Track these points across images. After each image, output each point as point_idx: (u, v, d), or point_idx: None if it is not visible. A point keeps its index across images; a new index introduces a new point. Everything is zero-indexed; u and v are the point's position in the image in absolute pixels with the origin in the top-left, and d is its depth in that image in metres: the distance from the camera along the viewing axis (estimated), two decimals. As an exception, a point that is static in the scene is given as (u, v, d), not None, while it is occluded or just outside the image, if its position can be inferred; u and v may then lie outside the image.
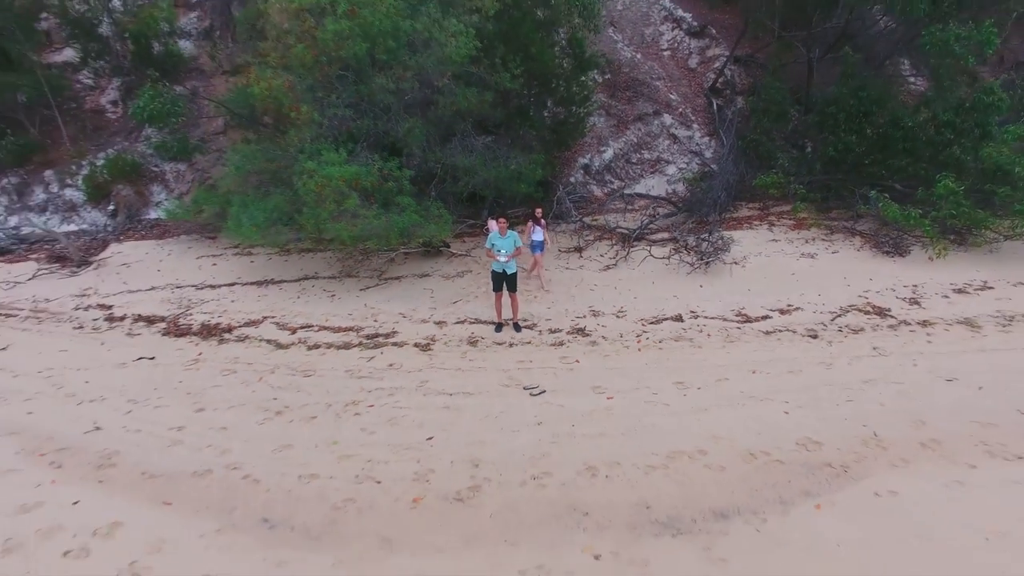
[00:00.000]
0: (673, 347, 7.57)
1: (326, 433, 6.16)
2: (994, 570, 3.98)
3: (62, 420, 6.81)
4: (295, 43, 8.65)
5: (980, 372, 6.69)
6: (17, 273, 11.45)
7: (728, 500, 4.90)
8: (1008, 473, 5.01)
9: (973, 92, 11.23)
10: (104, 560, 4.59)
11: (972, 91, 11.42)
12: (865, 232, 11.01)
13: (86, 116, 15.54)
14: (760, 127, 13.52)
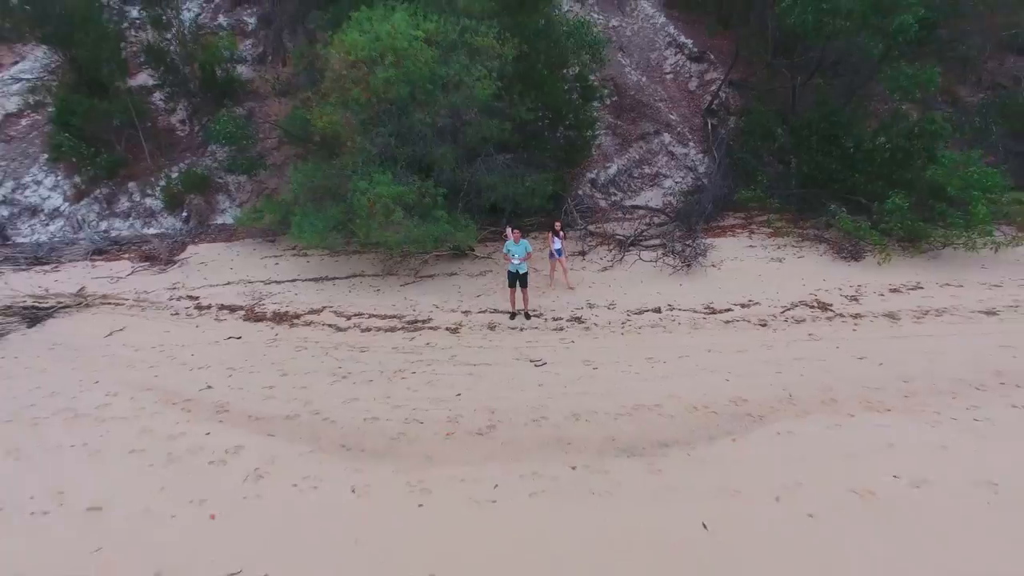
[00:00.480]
0: (649, 332, 9.56)
1: (381, 391, 8.28)
2: (846, 474, 5.94)
3: (181, 381, 9.03)
4: (351, 86, 10.78)
5: (886, 353, 8.56)
6: (117, 270, 13.82)
7: (671, 436, 6.90)
8: (875, 419, 6.92)
9: (922, 120, 12.97)
10: (236, 467, 6.77)
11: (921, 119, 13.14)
12: (830, 240, 12.82)
13: (160, 134, 17.94)
14: (747, 146, 15.36)
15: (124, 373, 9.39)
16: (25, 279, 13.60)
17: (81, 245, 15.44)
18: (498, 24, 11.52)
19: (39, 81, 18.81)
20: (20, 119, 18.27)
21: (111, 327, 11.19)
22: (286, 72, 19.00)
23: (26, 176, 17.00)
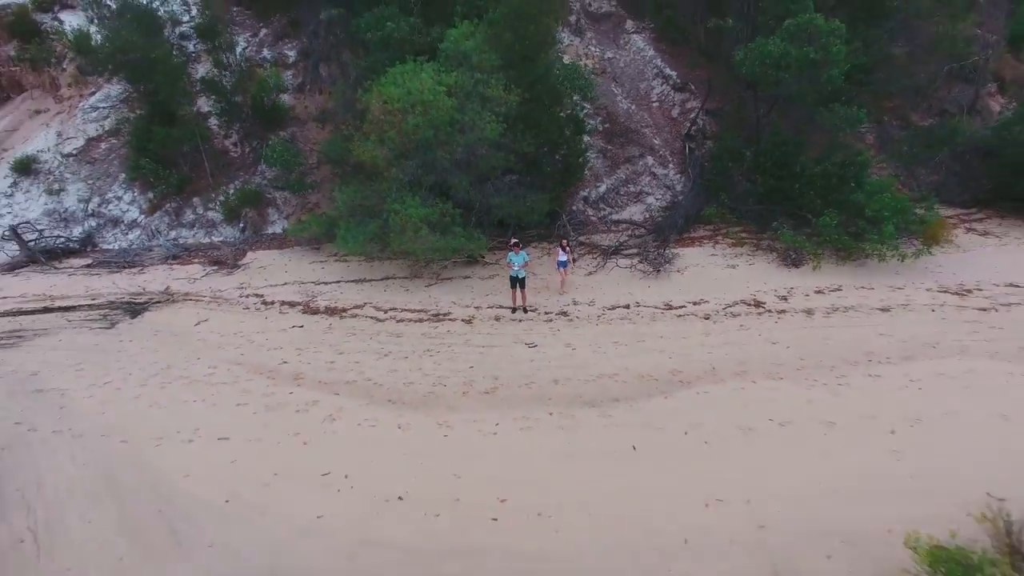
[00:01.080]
0: (618, 323, 12.39)
1: (414, 364, 11.18)
2: (737, 418, 8.76)
3: (262, 358, 11.98)
4: (388, 129, 13.69)
5: (794, 340, 11.33)
6: (191, 272, 16.85)
7: (621, 395, 9.75)
8: (770, 384, 9.73)
9: (853, 152, 15.67)
10: (315, 413, 9.71)
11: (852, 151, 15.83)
12: (778, 249, 15.54)
13: (216, 155, 20.98)
14: (717, 168, 18.10)
15: (217, 352, 12.37)
16: (119, 280, 16.69)
17: (156, 251, 18.50)
18: (504, 76, 14.39)
19: (114, 110, 21.94)
20: (100, 143, 21.40)
21: (197, 318, 14.20)
22: (323, 100, 22.03)
23: (109, 192, 20.13)
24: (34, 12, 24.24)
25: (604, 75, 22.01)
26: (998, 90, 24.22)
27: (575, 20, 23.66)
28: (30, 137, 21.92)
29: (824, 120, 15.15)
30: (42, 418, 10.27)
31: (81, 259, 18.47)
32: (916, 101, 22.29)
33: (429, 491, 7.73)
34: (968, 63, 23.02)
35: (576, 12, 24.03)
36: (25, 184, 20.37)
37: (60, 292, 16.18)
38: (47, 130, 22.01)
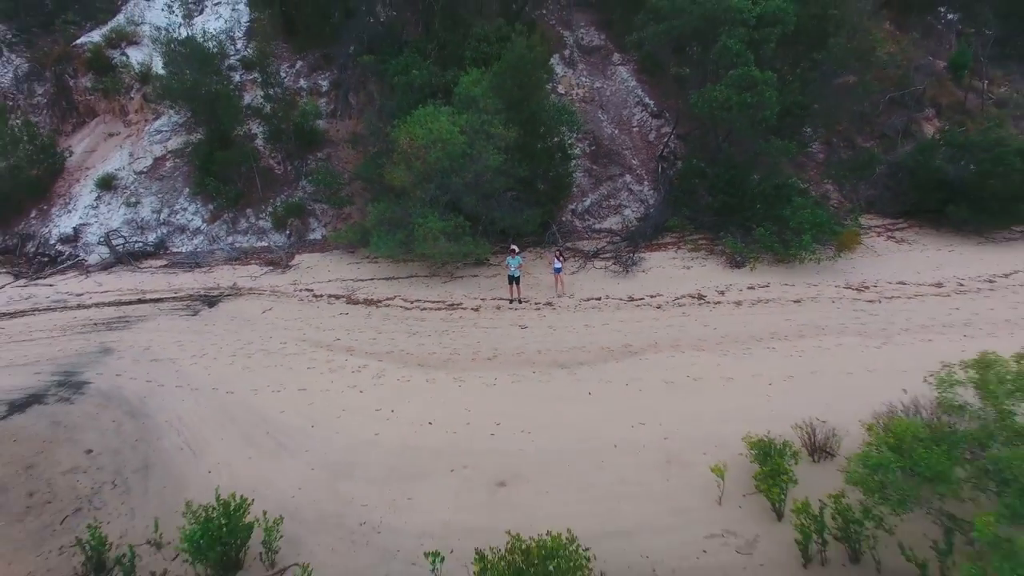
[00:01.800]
0: (591, 311, 16.18)
1: (436, 340, 15.01)
2: (665, 375, 12.56)
3: (320, 336, 15.84)
4: (414, 160, 17.51)
5: (721, 323, 15.07)
6: (251, 272, 20.77)
7: (586, 360, 13.54)
8: (695, 354, 13.48)
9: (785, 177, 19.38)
10: (366, 373, 13.59)
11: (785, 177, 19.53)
12: (726, 254, 19.26)
13: (263, 172, 24.87)
14: (683, 185, 21.82)
15: (284, 332, 16.26)
16: (193, 277, 20.65)
17: (218, 254, 22.43)
18: (504, 115, 18.17)
19: (175, 133, 25.90)
20: (165, 162, 25.36)
21: (263, 307, 18.10)
22: (352, 124, 25.91)
23: (176, 204, 24.09)
24: (106, 49, 28.25)
25: (592, 103, 25.78)
26: (936, 115, 27.79)
27: (568, 53, 27.43)
28: (107, 157, 25.91)
29: (763, 150, 18.87)
30: (165, 378, 14.18)
31: (157, 260, 22.45)
32: (860, 126, 25.91)
33: (448, 419, 11.54)
34: (907, 92, 26.62)
35: (570, 46, 27.81)
36: (107, 198, 24.36)
37: (148, 287, 20.16)
38: (120, 151, 26.01)
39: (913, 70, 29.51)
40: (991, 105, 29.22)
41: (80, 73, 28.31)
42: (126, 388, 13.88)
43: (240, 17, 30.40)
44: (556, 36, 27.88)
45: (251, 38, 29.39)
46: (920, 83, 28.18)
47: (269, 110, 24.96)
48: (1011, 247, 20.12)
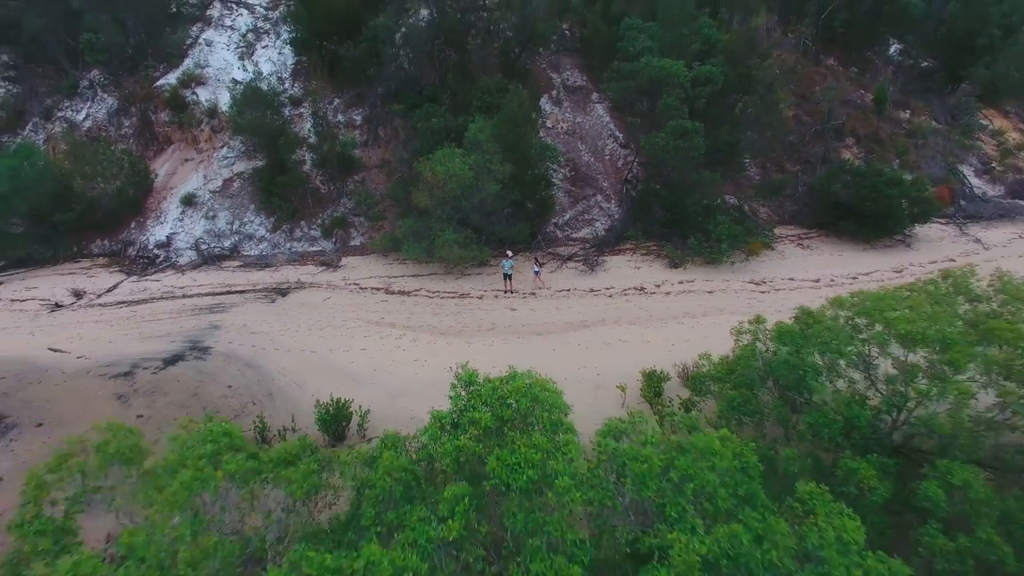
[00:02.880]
0: (561, 299, 22.63)
1: (452, 318, 21.50)
2: (605, 338, 19.04)
3: (370, 315, 22.35)
4: (435, 189, 23.94)
5: (651, 307, 21.47)
6: (309, 271, 27.27)
7: (554, 331, 20.03)
8: (626, 326, 19.91)
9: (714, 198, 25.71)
10: (407, 339, 20.21)
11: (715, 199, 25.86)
12: (668, 256, 25.61)
13: (313, 191, 31.36)
14: (642, 203, 28.16)
15: (342, 314, 22.74)
16: (264, 274, 27.16)
17: (280, 257, 28.92)
18: (501, 155, 24.56)
19: (239, 159, 32.41)
20: (233, 183, 31.88)
21: (323, 297, 24.60)
22: (381, 152, 32.37)
23: (244, 217, 30.62)
24: (180, 89, 34.79)
25: (574, 135, 32.21)
26: (855, 143, 34.06)
27: (556, 93, 33.85)
28: (186, 178, 32.48)
29: (694, 180, 25.24)
30: (264, 344, 20.69)
31: (234, 261, 28.98)
32: (790, 154, 32.22)
33: (462, 365, 17.95)
34: (829, 125, 32.86)
35: (557, 87, 34.22)
36: (190, 212, 30.93)
37: (232, 282, 26.70)
38: (196, 173, 32.59)
39: (842, 104, 35.87)
40: (902, 135, 35.44)
41: (159, 109, 34.88)
42: (239, 350, 20.43)
43: (286, 60, 36.92)
44: (546, 79, 34.33)
45: (296, 78, 35.97)
46: (844, 117, 34.47)
47: (316, 141, 31.50)
48: (884, 252, 26.43)
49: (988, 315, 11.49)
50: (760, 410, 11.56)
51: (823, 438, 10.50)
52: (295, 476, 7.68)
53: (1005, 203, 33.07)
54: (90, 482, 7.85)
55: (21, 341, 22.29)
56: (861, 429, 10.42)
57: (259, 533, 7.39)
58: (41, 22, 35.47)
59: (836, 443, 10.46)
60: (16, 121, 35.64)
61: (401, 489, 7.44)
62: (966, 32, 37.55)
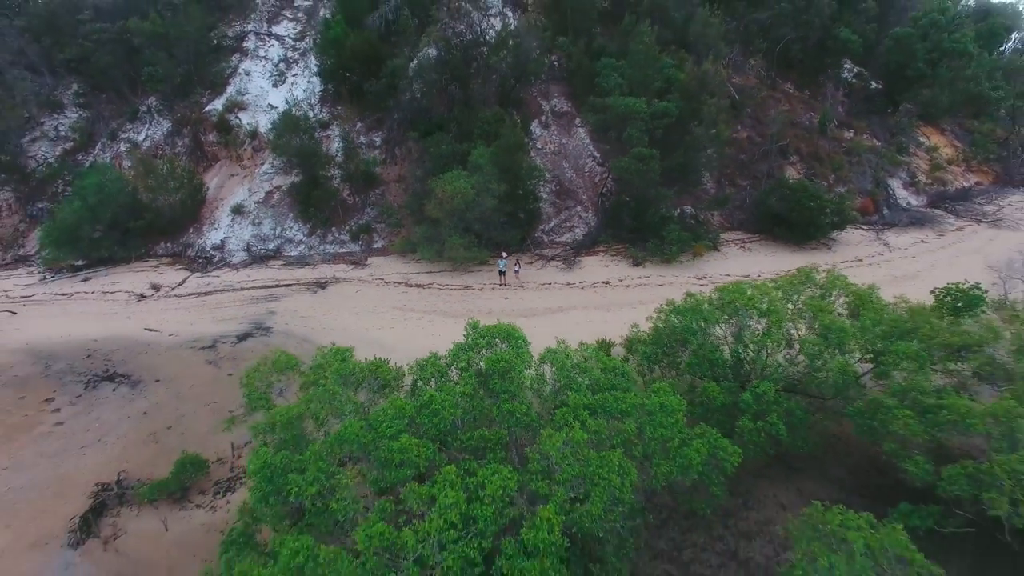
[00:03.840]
0: (544, 290, 28.87)
1: (458, 303, 27.79)
2: (577, 319, 25.30)
3: (393, 303, 28.63)
4: (446, 202, 30.13)
5: (614, 297, 27.68)
6: (342, 268, 33.50)
7: (536, 313, 26.29)
8: (593, 311, 26.15)
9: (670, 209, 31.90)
10: (426, 320, 26.52)
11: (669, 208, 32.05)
12: (631, 257, 31.80)
13: (341, 202, 37.55)
14: (614, 213, 34.35)
15: (372, 302, 28.99)
16: (305, 271, 33.40)
17: (316, 257, 35.13)
18: (498, 176, 30.75)
19: (277, 174, 38.60)
20: (273, 195, 38.07)
21: (355, 289, 30.82)
22: (397, 169, 38.58)
23: (285, 223, 36.82)
24: (225, 114, 40.98)
25: (559, 155, 38.40)
26: (799, 160, 40.21)
27: (544, 118, 40.04)
28: (233, 191, 38.70)
29: (655, 195, 31.43)
30: (314, 325, 26.92)
31: (278, 261, 35.19)
32: (742, 170, 38.39)
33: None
34: (775, 146, 39.00)
35: (546, 113, 40.41)
36: (239, 220, 37.14)
37: (279, 277, 32.92)
38: (241, 187, 38.81)
39: (790, 126, 42.05)
40: (841, 152, 41.61)
41: (208, 131, 41.12)
42: (295, 330, 26.67)
43: (314, 88, 43.12)
44: (536, 105, 40.55)
45: (323, 103, 42.23)
46: (790, 137, 40.61)
47: (343, 160, 37.75)
48: (809, 253, 32.63)
49: (811, 296, 17.66)
50: (662, 358, 17.76)
51: (695, 373, 16.68)
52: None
53: (920, 212, 39.22)
54: (275, 379, 14.05)
55: (122, 323, 28.57)
56: (719, 367, 16.59)
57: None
58: (109, 58, 41.77)
59: (704, 375, 16.63)
60: (87, 142, 41.98)
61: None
62: (898, 64, 43.65)
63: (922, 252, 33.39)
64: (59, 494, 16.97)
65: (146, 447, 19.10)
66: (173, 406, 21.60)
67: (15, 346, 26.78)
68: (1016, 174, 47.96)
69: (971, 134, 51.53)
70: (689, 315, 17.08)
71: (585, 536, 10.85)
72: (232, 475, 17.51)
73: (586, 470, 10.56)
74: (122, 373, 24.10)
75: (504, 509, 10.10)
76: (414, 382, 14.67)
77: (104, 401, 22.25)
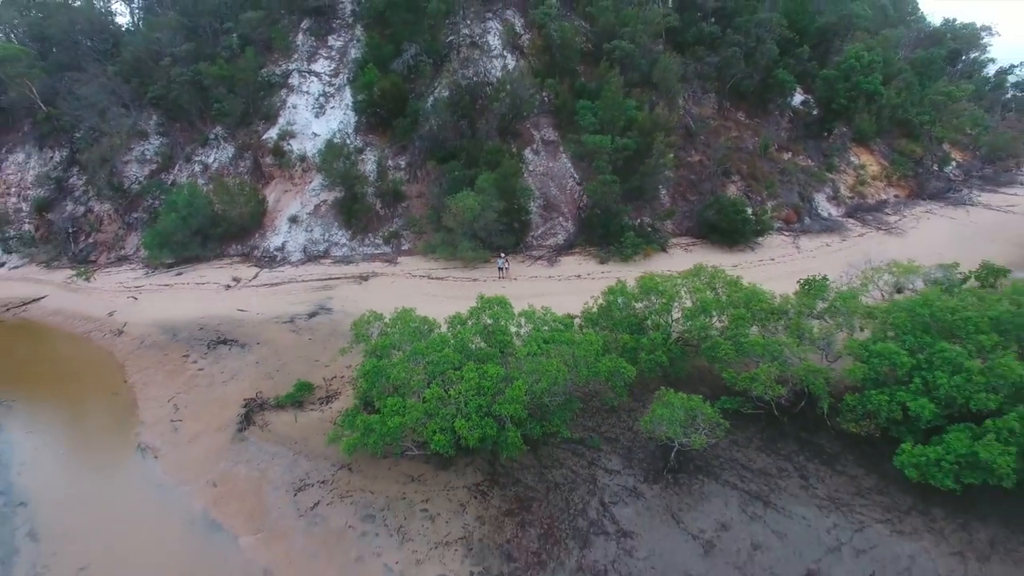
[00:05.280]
0: (530, 280, 38.98)
1: (468, 290, 37.85)
2: (550, 302, 35.58)
3: (423, 290, 38.76)
4: (460, 215, 40.17)
5: (582, 286, 37.76)
6: (379, 266, 43.62)
7: (524, 298, 36.42)
8: (565, 296, 36.29)
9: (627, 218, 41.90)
10: (447, 302, 36.72)
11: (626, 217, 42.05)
12: (598, 257, 41.83)
13: (376, 214, 47.58)
14: (589, 222, 44.37)
15: (405, 289, 39.13)
16: (350, 268, 43.52)
17: (357, 257, 45.20)
18: (498, 195, 40.77)
19: (324, 190, 48.66)
20: (321, 207, 48.12)
21: (391, 281, 40.94)
22: (419, 187, 48.66)
23: (331, 230, 46.90)
24: (278, 141, 51.03)
25: (547, 176, 48.40)
26: (740, 179, 50.11)
27: (535, 146, 50.04)
28: (288, 204, 48.79)
29: (616, 210, 41.40)
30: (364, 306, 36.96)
31: (327, 260, 45.26)
32: (692, 188, 48.35)
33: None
34: (719, 168, 48.89)
35: (537, 142, 50.41)
36: (294, 227, 47.22)
37: (330, 273, 43.01)
38: (295, 201, 48.91)
39: (736, 150, 51.99)
40: (776, 172, 51.50)
41: (265, 155, 51.20)
42: (349, 310, 36.75)
43: (350, 119, 53.15)
44: (529, 135, 50.56)
45: (357, 131, 52.32)
46: (733, 160, 50.50)
47: (376, 179, 47.83)
48: (736, 254, 42.53)
49: (698, 283, 27.64)
50: (601, 321, 27.78)
51: (620, 330, 26.69)
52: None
53: (834, 221, 49.11)
54: (370, 326, 24.11)
55: (218, 306, 38.78)
56: (634, 326, 26.55)
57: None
58: (184, 95, 51.99)
59: (625, 331, 26.59)
60: (168, 164, 52.28)
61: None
62: (827, 98, 53.58)
63: (823, 253, 43.29)
64: (222, 405, 27.13)
65: (266, 380, 29.23)
66: (275, 358, 31.74)
67: (147, 321, 37.07)
68: (928, 188, 57.78)
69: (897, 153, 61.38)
70: (618, 295, 27.10)
71: (538, 405, 20.92)
72: (328, 394, 27.56)
73: (538, 367, 20.63)
74: (231, 338, 34.31)
75: (498, 384, 20.22)
76: (448, 327, 24.41)
77: (225, 356, 32.42)
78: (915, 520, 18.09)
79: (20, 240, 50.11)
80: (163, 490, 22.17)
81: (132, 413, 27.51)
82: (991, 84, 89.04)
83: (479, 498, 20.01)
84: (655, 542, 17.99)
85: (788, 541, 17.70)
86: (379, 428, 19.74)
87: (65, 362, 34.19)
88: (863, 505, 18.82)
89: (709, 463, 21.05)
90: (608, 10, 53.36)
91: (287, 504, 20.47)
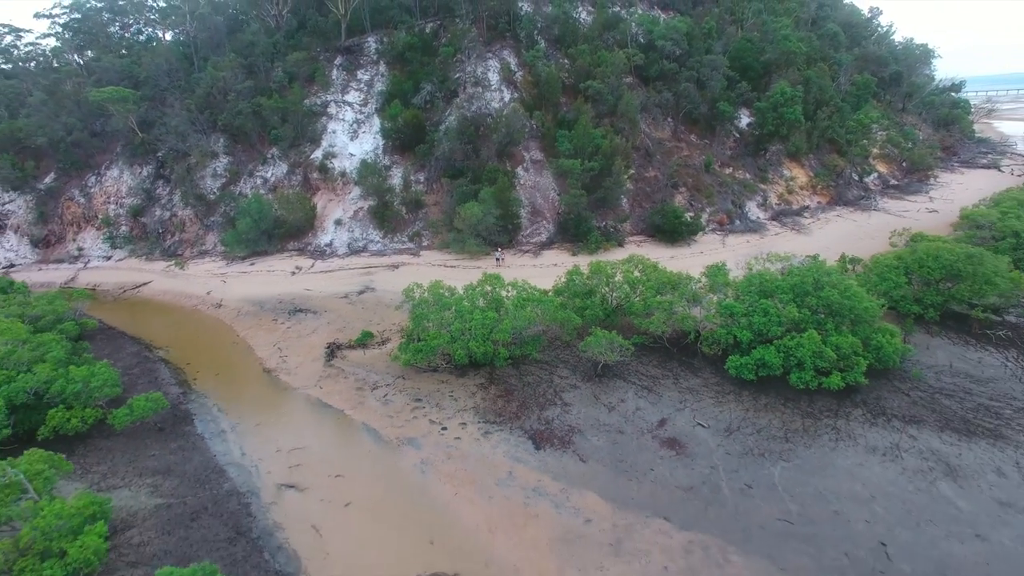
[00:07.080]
0: (520, 267, 52.72)
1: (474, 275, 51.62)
2: (540, 281, 49.52)
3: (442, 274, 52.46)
4: (466, 219, 53.86)
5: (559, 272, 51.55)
6: (407, 258, 57.36)
7: (517, 278, 50.27)
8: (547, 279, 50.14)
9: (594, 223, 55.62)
10: (459, 280, 50.71)
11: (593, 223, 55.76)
12: (572, 251, 55.55)
13: (401, 217, 61.25)
14: (565, 225, 58.09)
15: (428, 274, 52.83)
16: (383, 259, 57.27)
17: (388, 251, 58.86)
18: (495, 205, 54.47)
19: (360, 199, 62.30)
20: (359, 212, 61.72)
21: (417, 269, 54.68)
22: (435, 196, 62.37)
23: (368, 230, 60.55)
24: (322, 160, 64.66)
25: (534, 189, 62.11)
26: (686, 191, 63.73)
27: (526, 165, 63.74)
28: (332, 210, 62.46)
29: (586, 215, 55.03)
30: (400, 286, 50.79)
31: (366, 253, 58.90)
32: (648, 197, 62.02)
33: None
34: (669, 182, 62.51)
35: (526, 161, 64.13)
36: (339, 228, 60.89)
37: (369, 263, 56.73)
38: (338, 207, 62.59)
39: (685, 167, 65.71)
40: (716, 184, 65.13)
41: (312, 171, 64.90)
42: (388, 288, 50.60)
43: (379, 142, 66.83)
44: (520, 156, 64.30)
45: (385, 152, 66.05)
46: (682, 175, 64.13)
47: (401, 190, 61.54)
48: (677, 248, 56.10)
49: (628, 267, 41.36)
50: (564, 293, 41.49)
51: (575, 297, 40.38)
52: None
53: (757, 223, 62.70)
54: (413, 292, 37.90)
55: (289, 286, 52.62)
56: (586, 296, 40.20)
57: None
58: (247, 123, 65.87)
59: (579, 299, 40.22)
60: (235, 178, 66.12)
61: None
62: (761, 123, 67.30)
63: (743, 248, 56.78)
64: (311, 347, 40.92)
65: (338, 333, 42.98)
66: (340, 320, 45.52)
67: (238, 297, 50.95)
68: (845, 196, 71.44)
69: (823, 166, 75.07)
70: (575, 275, 40.91)
71: (519, 337, 34.69)
72: (382, 339, 41.33)
73: (519, 314, 34.41)
74: (305, 308, 48.14)
75: (494, 323, 34.08)
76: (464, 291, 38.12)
77: (304, 319, 46.24)
78: (729, 396, 31.85)
79: (123, 239, 64.00)
80: (289, 391, 35.97)
81: (250, 353, 41.38)
82: (925, 103, 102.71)
83: (482, 389, 33.76)
84: (583, 408, 31.73)
85: (657, 406, 31.45)
86: (425, 348, 33.57)
87: (190, 324, 48.09)
88: (703, 390, 32.61)
89: (621, 371, 34.78)
90: (585, 53, 67.37)
91: (368, 395, 34.28)
